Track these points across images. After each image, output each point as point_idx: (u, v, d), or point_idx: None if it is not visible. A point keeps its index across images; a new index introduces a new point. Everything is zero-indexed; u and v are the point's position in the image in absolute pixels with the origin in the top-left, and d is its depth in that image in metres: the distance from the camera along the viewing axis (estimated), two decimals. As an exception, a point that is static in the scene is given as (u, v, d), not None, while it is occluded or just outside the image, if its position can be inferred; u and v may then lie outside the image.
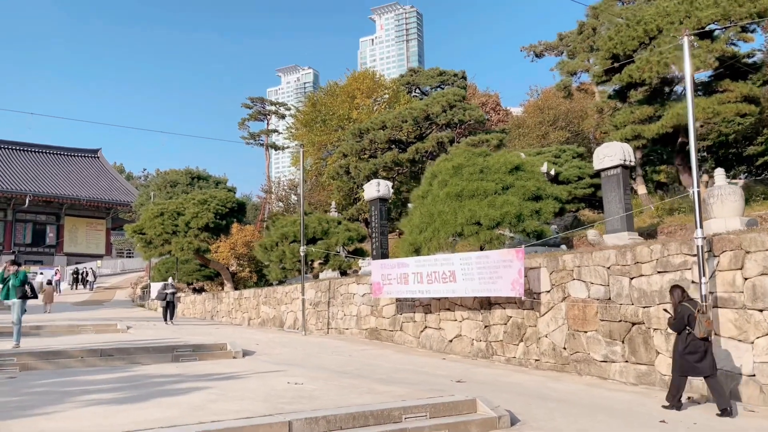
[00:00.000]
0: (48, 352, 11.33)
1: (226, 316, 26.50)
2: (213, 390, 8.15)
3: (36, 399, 7.55)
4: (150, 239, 28.84)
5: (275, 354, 13.55)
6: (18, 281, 13.02)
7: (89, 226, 58.00)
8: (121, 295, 43.27)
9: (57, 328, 18.13)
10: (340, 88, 46.15)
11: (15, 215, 52.87)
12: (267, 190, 50.56)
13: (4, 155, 57.32)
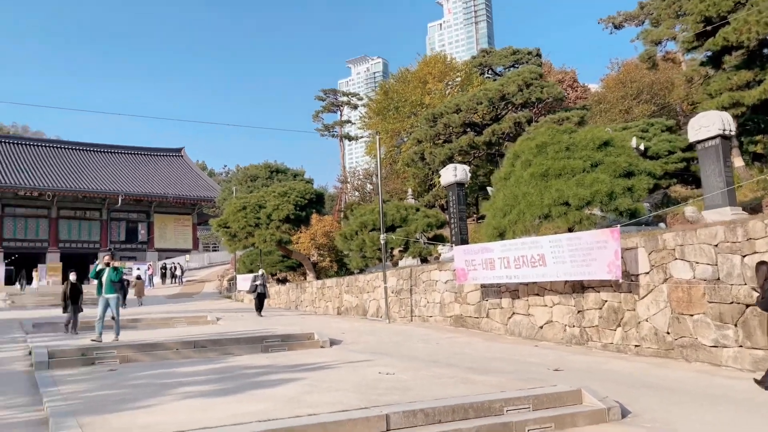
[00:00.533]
0: (146, 345, 11.72)
1: (310, 306, 26.87)
2: (305, 381, 8.09)
3: (136, 392, 7.73)
4: (234, 232, 29.61)
5: (362, 343, 13.48)
6: (117, 277, 13.43)
7: (177, 222, 60.47)
8: (209, 287, 44.89)
9: (153, 321, 18.88)
10: (412, 74, 45.71)
11: (110, 214, 55.86)
12: (343, 181, 50.97)
13: (98, 158, 60.65)
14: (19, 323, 19.43)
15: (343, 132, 59.75)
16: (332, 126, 59.75)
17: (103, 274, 13.39)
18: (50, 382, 8.75)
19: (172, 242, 59.88)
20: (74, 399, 7.25)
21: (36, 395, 7.98)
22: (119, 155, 63.48)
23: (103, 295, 13.29)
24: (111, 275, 13.38)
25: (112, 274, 13.40)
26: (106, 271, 13.43)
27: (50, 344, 12.53)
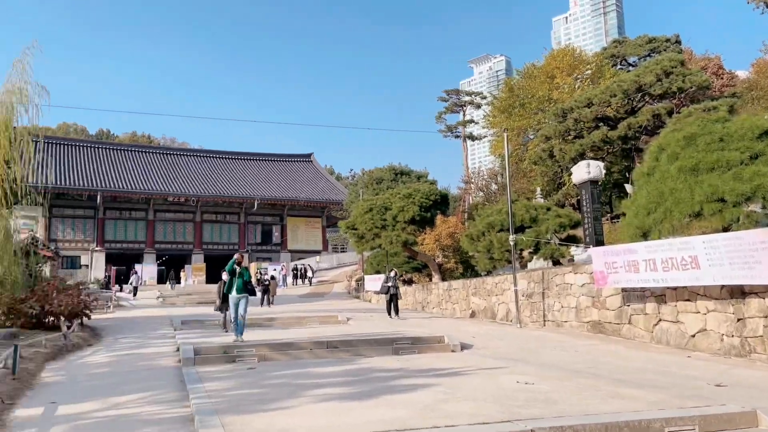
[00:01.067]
0: (282, 344, 12.06)
1: (436, 307, 26.66)
2: (439, 388, 7.83)
3: (274, 392, 7.86)
4: (361, 234, 30.11)
5: (493, 348, 13.01)
6: (248, 277, 13.79)
7: (307, 225, 62.90)
8: (338, 287, 46.15)
9: (287, 320, 19.57)
10: (538, 69, 44.20)
11: (247, 218, 59.25)
12: (467, 181, 50.32)
13: (235, 165, 64.61)
14: (169, 320, 20.92)
15: (466, 132, 59.11)
16: (455, 126, 59.32)
17: (235, 274, 13.68)
18: (195, 378, 9.17)
19: (304, 244, 62.34)
20: (218, 397, 7.50)
21: (183, 391, 8.37)
22: (254, 162, 67.24)
23: (234, 294, 13.53)
24: (243, 275, 13.68)
25: (244, 273, 13.73)
26: (237, 271, 13.73)
27: (196, 341, 13.29)
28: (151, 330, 18.39)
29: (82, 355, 13.02)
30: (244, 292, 13.60)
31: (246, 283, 13.71)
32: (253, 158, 68.07)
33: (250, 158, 67.82)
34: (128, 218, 54.52)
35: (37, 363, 11.22)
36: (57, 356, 12.59)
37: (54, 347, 13.04)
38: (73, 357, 12.67)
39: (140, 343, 15.14)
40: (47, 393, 8.61)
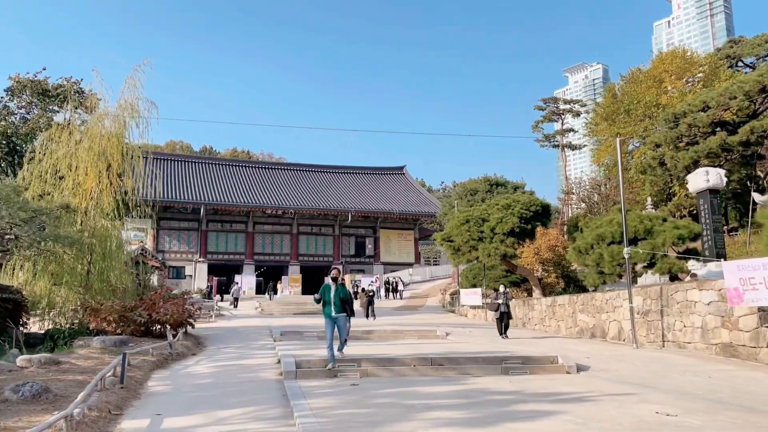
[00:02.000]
0: (384, 359, 11.53)
1: (539, 324, 25.34)
2: (566, 417, 6.98)
3: (382, 413, 7.31)
4: (457, 246, 29.30)
5: (613, 370, 11.85)
6: (345, 294, 11.80)
7: (400, 237, 62.68)
8: (432, 301, 45.39)
9: (384, 333, 19.09)
10: (644, 73, 41.79)
11: (341, 230, 59.84)
12: (567, 191, 48.26)
13: (330, 179, 65.61)
14: (268, 330, 21.02)
15: (564, 141, 56.95)
16: (553, 135, 57.32)
17: (330, 291, 11.74)
18: (299, 394, 8.79)
19: (396, 256, 62.13)
20: (323, 417, 7.04)
21: (286, 407, 8.00)
22: (348, 175, 68.00)
23: (332, 314, 11.59)
24: (340, 292, 11.75)
25: (340, 290, 11.79)
26: (332, 288, 11.78)
27: (296, 353, 13.03)
28: (252, 340, 18.47)
29: (186, 364, 13.09)
30: (341, 311, 11.67)
31: (344, 302, 11.71)
32: (347, 171, 68.89)
33: (343, 171, 68.68)
34: (229, 230, 56.47)
35: (144, 371, 11.30)
36: (163, 365, 12.72)
37: (160, 356, 13.20)
38: (178, 366, 12.75)
39: (241, 353, 15.13)
40: (153, 404, 8.50)
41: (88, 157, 18.59)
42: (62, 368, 10.84)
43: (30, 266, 18.82)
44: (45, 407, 7.35)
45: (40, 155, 19.06)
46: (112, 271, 18.65)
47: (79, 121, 24.16)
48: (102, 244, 18.12)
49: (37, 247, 16.71)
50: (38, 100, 31.89)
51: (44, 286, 18.26)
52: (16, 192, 16.76)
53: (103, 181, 19.00)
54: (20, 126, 31.03)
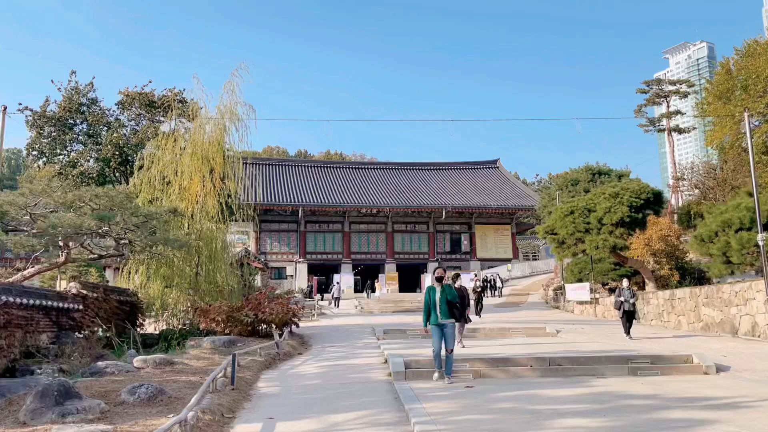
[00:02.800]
0: (497, 359, 10.83)
1: (655, 319, 23.57)
2: (728, 427, 6.02)
3: (507, 420, 6.66)
4: (562, 239, 27.92)
5: (760, 371, 10.51)
6: (452, 295, 10.17)
7: (496, 232, 61.17)
8: (533, 297, 43.80)
9: (490, 331, 18.32)
10: (762, 45, 38.14)
11: (435, 227, 59.21)
12: (678, 177, 45.09)
13: (422, 176, 65.16)
14: (370, 329, 20.79)
15: (671, 125, 53.35)
16: (658, 119, 53.84)
17: (435, 294, 10.14)
18: (412, 397, 8.30)
19: (493, 252, 60.69)
20: (443, 423, 6.50)
21: (400, 411, 7.54)
22: (440, 171, 67.23)
23: (439, 320, 9.86)
24: (446, 294, 10.10)
25: (447, 292, 10.13)
26: (437, 291, 10.15)
27: (403, 353, 12.59)
28: (355, 339, 18.26)
29: (293, 364, 12.98)
30: (449, 316, 9.96)
31: (451, 305, 10.02)
32: (439, 168, 68.12)
33: (436, 168, 67.97)
34: (326, 231, 57.32)
35: (253, 372, 11.23)
36: (271, 365, 12.66)
37: (267, 356, 13.17)
38: (285, 366, 12.65)
39: (347, 353, 14.89)
40: (264, 406, 8.29)
41: (192, 162, 19.10)
42: (176, 369, 10.97)
43: (144, 269, 19.60)
44: (160, 409, 7.28)
45: (148, 163, 19.82)
46: (218, 272, 19.06)
47: (182, 129, 25.04)
48: (208, 246, 18.56)
49: (149, 251, 17.31)
50: (146, 111, 33.66)
51: (157, 289, 18.94)
52: (128, 198, 17.44)
53: (207, 185, 19.47)
54: (131, 137, 32.84)
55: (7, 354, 12.42)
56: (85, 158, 33.33)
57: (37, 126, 33.08)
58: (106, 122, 33.82)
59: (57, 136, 33.34)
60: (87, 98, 33.87)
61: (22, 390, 8.36)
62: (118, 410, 7.19)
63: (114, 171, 31.62)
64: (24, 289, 14.08)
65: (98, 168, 32.59)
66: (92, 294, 16.63)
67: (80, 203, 16.96)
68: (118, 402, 7.51)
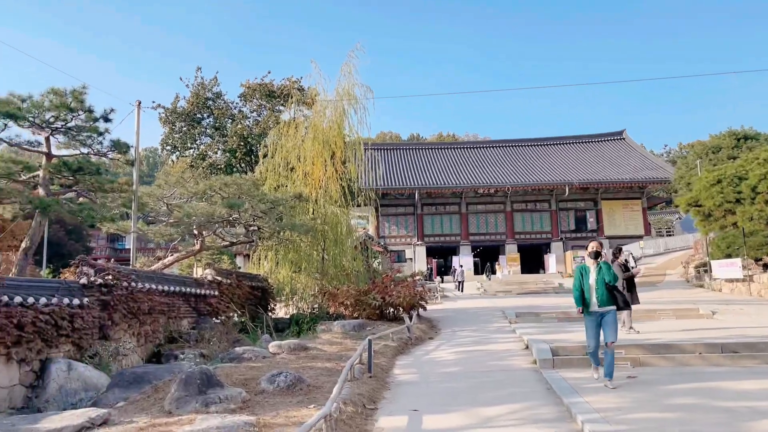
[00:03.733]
0: (658, 345, 9.63)
1: (829, 299, 20.69)
2: None
3: (698, 420, 5.64)
4: (708, 211, 25.37)
5: None
6: (611, 276, 7.94)
7: (625, 208, 57.44)
8: (671, 276, 40.56)
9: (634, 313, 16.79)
10: None
11: (558, 204, 56.63)
12: None
13: (542, 151, 62.61)
14: (500, 311, 19.90)
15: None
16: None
17: (588, 275, 8.15)
18: (568, 388, 7.45)
19: (622, 228, 57.10)
20: (618, 423, 5.62)
21: (558, 405, 6.74)
22: (560, 146, 64.19)
23: (596, 308, 7.89)
24: (604, 274, 7.94)
25: (605, 272, 7.93)
26: (592, 271, 8.14)
27: (542, 338, 11.66)
28: (485, 322, 17.47)
29: (426, 349, 12.45)
30: (609, 303, 7.92)
31: (612, 289, 8.01)
32: (559, 142, 65.00)
33: (555, 143, 64.95)
34: (443, 213, 56.63)
35: (388, 358, 10.82)
36: (403, 350, 12.22)
37: (399, 340, 12.75)
38: (418, 351, 12.15)
39: (480, 337, 14.16)
40: (404, 395, 7.79)
41: (314, 147, 19.09)
42: (310, 354, 10.79)
43: (272, 255, 19.96)
44: (300, 399, 6.96)
45: (272, 150, 20.08)
46: (344, 256, 18.99)
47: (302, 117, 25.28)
48: (333, 230, 18.53)
49: (276, 237, 17.51)
50: (266, 101, 34.59)
51: (286, 274, 19.21)
52: (255, 186, 17.72)
53: (329, 170, 19.40)
54: (253, 127, 33.92)
55: (152, 339, 12.91)
56: (213, 150, 34.93)
57: (169, 122, 35.11)
58: (230, 115, 35.22)
59: (187, 130, 35.20)
60: (212, 93, 35.43)
61: (167, 376, 8.44)
62: (259, 399, 6.96)
63: (240, 161, 32.88)
64: (164, 277, 14.64)
65: (225, 159, 34.02)
66: (226, 280, 17.09)
67: (211, 192, 17.44)
68: (257, 391, 7.30)
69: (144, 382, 8.10)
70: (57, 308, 9.71)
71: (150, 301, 12.57)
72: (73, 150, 14.40)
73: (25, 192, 13.75)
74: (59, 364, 9.35)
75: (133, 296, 11.92)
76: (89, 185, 14.21)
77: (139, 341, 12.38)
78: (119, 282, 11.49)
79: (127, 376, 8.42)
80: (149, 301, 12.52)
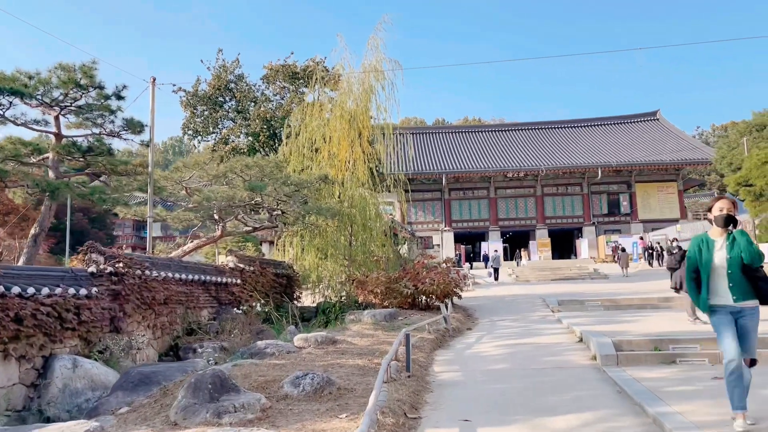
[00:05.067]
0: (739, 340, 8.36)
1: None
2: None
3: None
4: (759, 191, 23.69)
5: None
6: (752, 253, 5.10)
7: (660, 191, 55.40)
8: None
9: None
10: None
11: (590, 188, 54.82)
12: None
13: (573, 134, 60.72)
14: (540, 299, 18.70)
15: None
16: None
17: (712, 250, 5.30)
18: (646, 393, 6.29)
19: (657, 212, 55.11)
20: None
21: (637, 413, 5.63)
22: (591, 128, 62.19)
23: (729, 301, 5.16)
24: (741, 250, 5.13)
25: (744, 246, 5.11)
26: (718, 243, 5.30)
27: (595, 329, 10.47)
28: (525, 311, 16.29)
29: (467, 342, 11.34)
30: (749, 296, 5.17)
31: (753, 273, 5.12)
32: (590, 124, 62.96)
33: (586, 125, 62.92)
34: (471, 198, 55.26)
35: (426, 352, 9.74)
36: (442, 343, 11.12)
37: (436, 332, 11.67)
38: (458, 345, 11.04)
39: (523, 328, 13.00)
40: (450, 400, 6.70)
41: (340, 125, 18.00)
42: (339, 348, 9.77)
43: (297, 241, 18.99)
44: (329, 407, 5.91)
45: (296, 130, 19.02)
46: (372, 241, 17.93)
47: (326, 100, 24.20)
48: (361, 213, 17.44)
49: (301, 221, 16.52)
50: (289, 83, 33.53)
51: (312, 260, 18.23)
52: (278, 167, 16.73)
53: (356, 150, 18.31)
54: (277, 110, 32.92)
55: (169, 331, 12.03)
56: (236, 134, 34.03)
57: (190, 106, 34.29)
58: (252, 98, 34.25)
59: (209, 114, 34.34)
60: (234, 75, 34.47)
61: (179, 376, 7.48)
62: (281, 407, 5.92)
63: (263, 146, 31.96)
64: (183, 264, 13.71)
65: (248, 143, 33.11)
66: (249, 268, 16.17)
67: (232, 175, 16.48)
68: (280, 396, 6.27)
69: (152, 383, 7.14)
70: (61, 299, 8.81)
71: (166, 290, 11.66)
72: (84, 131, 13.55)
73: (34, 174, 12.95)
74: (63, 360, 8.47)
75: (147, 285, 11.01)
76: (101, 167, 13.32)
77: (154, 334, 11.49)
78: (131, 270, 10.58)
79: (133, 376, 7.47)
80: (165, 291, 11.61)
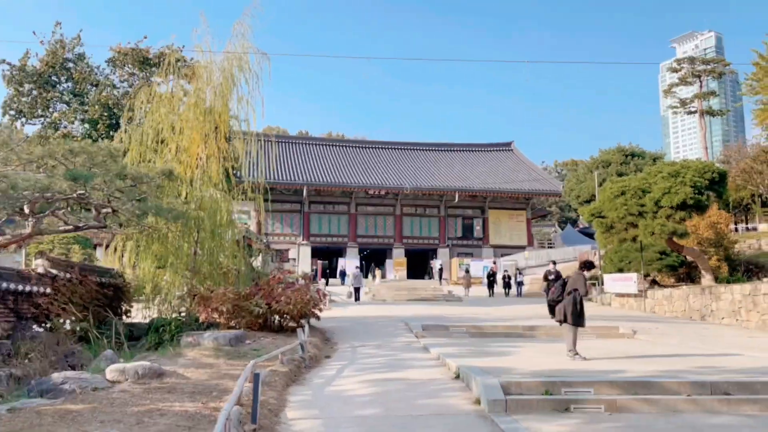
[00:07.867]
0: (634, 384, 7.47)
1: (728, 318, 20.31)
2: None
3: None
4: (611, 223, 24.61)
5: None
6: None
7: (511, 218, 57.82)
8: (557, 287, 40.50)
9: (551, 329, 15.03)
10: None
11: (447, 211, 55.82)
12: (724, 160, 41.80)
13: (434, 157, 61.69)
14: (402, 322, 17.50)
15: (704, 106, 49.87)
16: (690, 100, 50.35)
17: None
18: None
19: (507, 238, 57.40)
20: None
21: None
22: (452, 153, 63.70)
23: None
24: None
25: None
26: None
27: (471, 364, 9.28)
28: (388, 336, 14.92)
29: (326, 376, 9.61)
30: None
31: None
32: (451, 149, 64.53)
33: (447, 149, 64.40)
34: (331, 212, 53.92)
35: (278, 390, 7.90)
36: (297, 376, 9.32)
37: (291, 362, 9.83)
38: (317, 380, 9.28)
39: (389, 357, 11.54)
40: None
41: (194, 114, 15.65)
42: (166, 384, 7.63)
43: (132, 246, 16.23)
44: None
45: (139, 115, 16.34)
46: (222, 251, 15.68)
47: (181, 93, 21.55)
48: (211, 218, 15.13)
49: (136, 222, 13.90)
50: (139, 69, 29.99)
51: (148, 269, 15.58)
52: (112, 157, 14.00)
53: (210, 146, 16.03)
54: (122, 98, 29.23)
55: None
56: (69, 119, 29.67)
57: (15, 82, 29.36)
58: (94, 81, 30.11)
59: (38, 94, 29.64)
60: (73, 54, 30.18)
61: None
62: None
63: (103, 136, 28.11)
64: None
65: (84, 131, 28.98)
66: (64, 274, 13.30)
67: (51, 161, 13.53)
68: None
69: None
70: None
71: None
72: None
73: None
74: None
75: None
76: None
77: None
78: None
79: None
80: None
